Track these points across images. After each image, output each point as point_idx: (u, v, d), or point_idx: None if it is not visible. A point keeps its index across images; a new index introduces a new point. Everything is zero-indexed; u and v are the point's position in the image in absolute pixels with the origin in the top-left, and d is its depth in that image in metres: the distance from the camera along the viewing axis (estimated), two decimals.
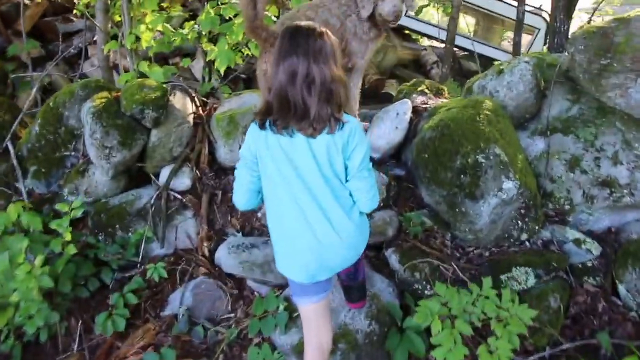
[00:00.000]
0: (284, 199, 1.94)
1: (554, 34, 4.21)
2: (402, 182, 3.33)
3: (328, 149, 1.88)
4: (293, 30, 1.89)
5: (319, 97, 1.82)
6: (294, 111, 1.84)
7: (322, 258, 1.96)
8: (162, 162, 3.47)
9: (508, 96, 3.23)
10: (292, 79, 1.82)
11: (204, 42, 3.87)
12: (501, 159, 2.79)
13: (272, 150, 1.91)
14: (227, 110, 3.62)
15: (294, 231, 1.95)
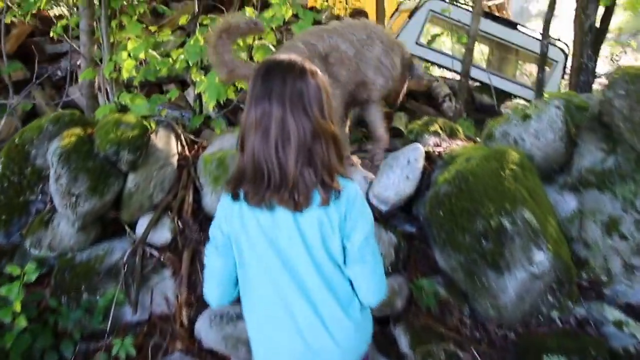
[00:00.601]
0: (263, 291, 1.52)
1: (580, 71, 3.85)
2: (413, 241, 2.93)
3: (321, 227, 1.45)
4: (268, 67, 1.47)
5: (297, 158, 1.39)
6: (267, 178, 1.41)
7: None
8: (140, 211, 3.08)
9: (535, 145, 2.84)
10: (265, 133, 1.40)
11: (193, 72, 3.51)
12: (531, 225, 2.38)
13: (248, 228, 1.48)
14: (217, 151, 3.24)
15: (276, 332, 1.53)
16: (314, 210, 1.43)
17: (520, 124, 2.90)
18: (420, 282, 2.66)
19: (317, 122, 1.41)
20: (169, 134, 3.37)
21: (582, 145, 2.96)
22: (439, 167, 3.01)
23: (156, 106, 3.74)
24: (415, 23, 6.13)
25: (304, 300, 1.48)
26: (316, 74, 1.47)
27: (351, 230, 1.48)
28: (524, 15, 19.33)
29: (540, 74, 3.70)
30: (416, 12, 6.13)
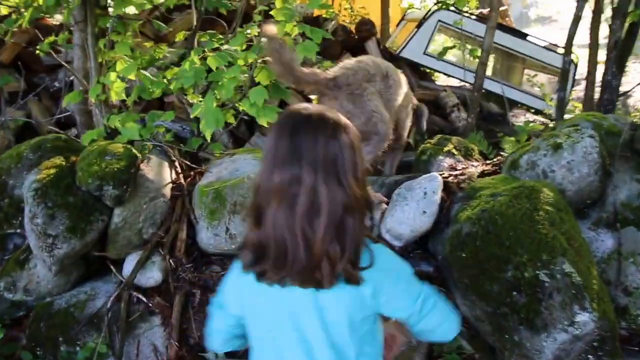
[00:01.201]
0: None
1: (604, 88, 3.49)
2: (431, 283, 2.55)
3: (347, 307, 1.22)
4: (295, 122, 1.20)
5: (325, 234, 1.14)
6: (292, 256, 1.16)
7: None
8: (128, 248, 2.72)
9: (567, 179, 2.48)
10: (291, 204, 1.15)
11: (190, 94, 3.16)
12: (573, 280, 2.02)
13: (260, 303, 1.27)
14: (214, 181, 2.88)
15: None
16: (340, 288, 1.20)
17: (550, 154, 2.54)
18: None
19: (352, 191, 1.17)
20: (162, 160, 3.01)
21: (616, 175, 2.61)
22: (459, 200, 2.65)
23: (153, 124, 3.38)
24: (424, 33, 5.79)
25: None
26: (349, 129, 1.21)
27: (389, 300, 1.26)
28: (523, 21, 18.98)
29: (562, 92, 3.35)
30: (424, 22, 5.77)
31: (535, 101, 6.31)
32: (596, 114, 3.07)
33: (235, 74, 2.64)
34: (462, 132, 5.21)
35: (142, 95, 3.34)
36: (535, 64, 6.49)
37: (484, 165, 3.34)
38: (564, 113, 3.38)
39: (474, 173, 3.09)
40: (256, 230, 1.20)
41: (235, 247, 2.73)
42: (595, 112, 3.13)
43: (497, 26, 5.91)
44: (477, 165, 3.44)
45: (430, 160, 3.50)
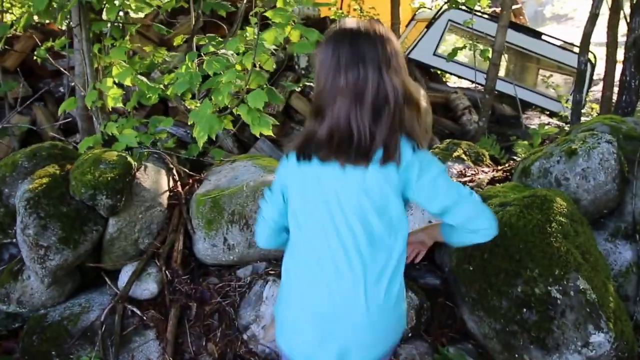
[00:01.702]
0: (315, 245, 1.41)
1: (623, 89, 3.30)
2: (438, 298, 2.42)
3: (387, 181, 1.34)
4: (352, 33, 1.36)
5: (391, 122, 1.32)
6: (357, 145, 1.32)
7: (332, 330, 1.39)
8: (124, 258, 2.62)
9: (583, 187, 2.31)
10: (359, 98, 1.32)
11: (187, 99, 3.05)
12: (587, 297, 1.86)
13: (308, 182, 1.40)
14: (212, 190, 2.76)
15: (316, 283, 1.40)
16: (386, 169, 1.32)
17: (564, 160, 2.37)
18: (448, 354, 2.16)
19: (407, 86, 1.36)
20: (160, 168, 2.91)
21: (635, 183, 2.43)
22: None
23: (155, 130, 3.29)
24: (434, 33, 5.61)
25: (353, 259, 1.37)
26: (393, 37, 1.39)
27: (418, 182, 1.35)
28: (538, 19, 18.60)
29: (578, 93, 3.16)
30: (434, 22, 5.59)
31: (550, 103, 6.08)
32: (614, 117, 2.88)
33: (230, 79, 2.51)
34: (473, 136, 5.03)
35: (142, 100, 3.24)
36: (550, 64, 6.26)
37: (495, 172, 3.17)
38: (580, 116, 3.19)
39: (483, 180, 2.93)
40: (317, 125, 1.35)
41: (233, 257, 2.62)
42: (613, 115, 2.95)
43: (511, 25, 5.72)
44: (488, 172, 3.27)
45: None
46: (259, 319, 2.36)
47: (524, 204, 2.15)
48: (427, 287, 2.45)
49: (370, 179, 1.32)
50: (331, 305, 1.38)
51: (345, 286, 1.37)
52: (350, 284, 1.37)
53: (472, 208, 1.38)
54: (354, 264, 1.36)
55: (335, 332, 1.38)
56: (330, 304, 1.39)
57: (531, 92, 6.10)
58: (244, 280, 2.58)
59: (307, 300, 1.42)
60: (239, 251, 2.60)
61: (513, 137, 5.15)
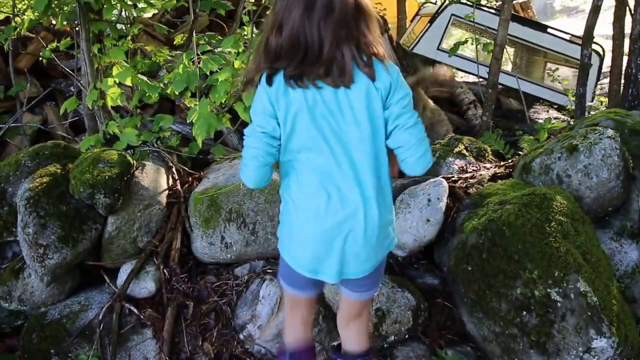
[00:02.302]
0: (312, 163, 1.43)
1: (629, 82, 3.15)
2: (436, 299, 2.32)
3: (368, 101, 1.38)
4: None
5: (335, 31, 1.33)
6: (304, 53, 1.35)
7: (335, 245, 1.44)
8: (123, 257, 2.56)
9: (585, 185, 2.19)
10: (309, 8, 1.34)
11: (186, 98, 2.97)
12: (588, 300, 1.75)
13: (296, 107, 1.39)
14: (210, 188, 2.69)
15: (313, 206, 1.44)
16: (360, 84, 1.37)
17: (565, 157, 2.25)
18: (446, 355, 2.06)
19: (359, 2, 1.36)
20: (159, 166, 2.84)
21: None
22: (466, 207, 2.39)
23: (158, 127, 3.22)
24: (437, 28, 5.45)
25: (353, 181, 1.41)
26: None
27: (391, 98, 1.41)
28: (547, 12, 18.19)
29: (581, 88, 3.02)
30: (437, 17, 5.43)
31: (557, 97, 5.90)
32: (619, 111, 2.74)
33: (227, 77, 2.43)
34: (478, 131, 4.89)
35: (144, 99, 3.18)
36: (557, 57, 6.07)
37: (497, 168, 3.05)
38: (584, 110, 3.04)
39: (484, 176, 2.81)
40: (278, 38, 1.36)
41: (231, 256, 2.55)
42: (618, 109, 2.81)
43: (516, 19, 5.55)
44: (490, 168, 3.15)
45: (439, 162, 3.23)
46: (255, 319, 2.29)
47: (523, 202, 2.04)
48: (425, 287, 2.35)
49: (349, 95, 1.37)
50: (335, 224, 1.42)
51: (348, 206, 1.41)
52: (351, 205, 1.41)
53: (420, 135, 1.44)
54: (353, 186, 1.41)
55: (337, 247, 1.44)
56: (334, 222, 1.42)
57: (537, 86, 5.91)
58: (241, 278, 2.51)
59: (313, 220, 1.44)
60: (236, 249, 2.53)
61: (519, 132, 5.00)
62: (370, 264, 1.49)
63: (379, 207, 1.43)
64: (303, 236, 1.48)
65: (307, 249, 1.48)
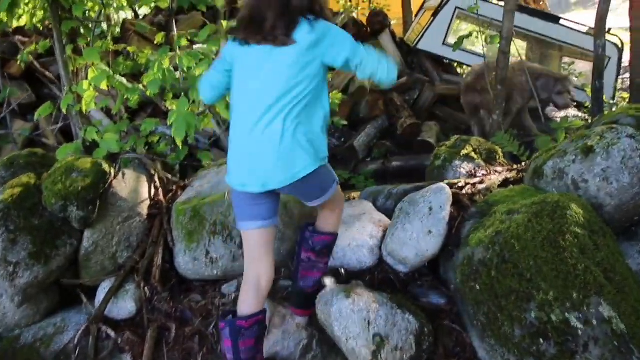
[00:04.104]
0: (242, 106, 1.80)
1: None
2: (443, 320, 2.10)
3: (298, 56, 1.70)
4: None
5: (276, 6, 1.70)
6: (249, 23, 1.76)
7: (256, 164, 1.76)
8: (102, 274, 2.40)
9: (605, 191, 1.97)
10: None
11: (168, 99, 2.81)
12: (614, 327, 1.54)
13: (243, 60, 1.80)
14: (193, 198, 2.52)
15: (243, 137, 1.78)
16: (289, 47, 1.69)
17: (580, 159, 2.03)
18: None
19: None
20: (140, 175, 2.68)
21: None
22: (472, 217, 2.19)
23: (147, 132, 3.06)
24: (441, 22, 5.22)
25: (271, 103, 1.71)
26: None
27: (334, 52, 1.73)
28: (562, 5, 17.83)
29: (597, 82, 2.80)
30: (441, 10, 5.20)
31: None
32: (639, 107, 2.52)
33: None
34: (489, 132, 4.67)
35: (129, 104, 3.03)
36: (572, 50, 5.81)
37: (509, 172, 2.84)
38: (602, 106, 2.82)
39: (494, 182, 2.61)
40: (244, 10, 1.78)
41: (217, 272, 2.37)
42: (638, 105, 2.58)
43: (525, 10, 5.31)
44: (501, 171, 2.94)
45: (444, 166, 3.04)
46: None
47: (533, 211, 1.84)
48: (431, 307, 2.14)
49: (282, 56, 1.69)
50: (256, 146, 1.73)
51: (264, 125, 1.72)
52: (267, 123, 1.71)
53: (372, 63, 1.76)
54: (273, 118, 1.71)
55: (258, 165, 1.74)
56: (256, 145, 1.73)
57: None
58: (228, 297, 2.33)
59: (242, 145, 1.78)
60: (222, 265, 2.36)
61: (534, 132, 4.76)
62: (286, 176, 1.74)
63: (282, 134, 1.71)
64: (236, 158, 1.82)
65: (239, 168, 1.81)
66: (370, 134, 5.16)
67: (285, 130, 1.70)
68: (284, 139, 1.71)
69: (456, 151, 3.12)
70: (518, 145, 3.94)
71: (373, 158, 5.04)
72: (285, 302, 2.20)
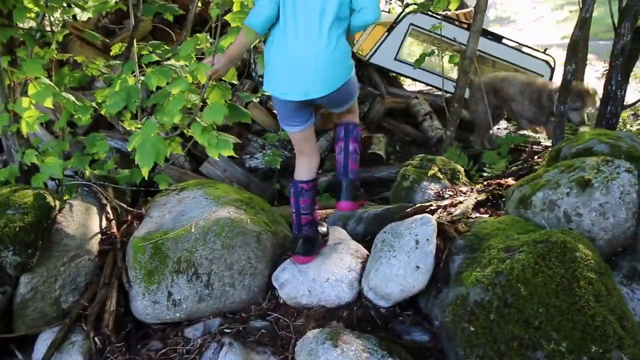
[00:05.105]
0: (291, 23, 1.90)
1: (608, 99, 2.85)
2: (427, 358, 1.86)
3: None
4: None
5: None
6: None
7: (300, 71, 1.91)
8: (41, 322, 1.95)
9: (599, 225, 1.81)
10: None
11: (126, 120, 2.38)
12: None
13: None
14: (154, 231, 2.12)
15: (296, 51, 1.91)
16: None
17: (576, 193, 1.85)
18: None
19: None
20: (89, 205, 2.23)
21: None
22: (460, 250, 1.96)
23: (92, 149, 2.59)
24: (395, 37, 5.05)
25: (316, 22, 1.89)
26: None
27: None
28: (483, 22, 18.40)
29: (562, 106, 2.68)
30: (396, 26, 5.03)
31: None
32: (608, 133, 2.41)
33: (182, 89, 1.89)
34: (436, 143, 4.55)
35: (75, 120, 2.55)
36: (506, 67, 5.85)
37: (476, 193, 2.66)
38: (563, 129, 2.71)
39: (468, 206, 2.40)
40: None
41: (180, 315, 1.99)
42: (607, 131, 2.48)
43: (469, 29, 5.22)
44: (467, 192, 2.76)
45: (413, 187, 2.82)
46: None
47: (538, 252, 1.62)
48: (414, 345, 1.89)
49: None
50: (302, 53, 1.89)
51: (309, 40, 1.89)
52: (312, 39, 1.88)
53: None
54: (315, 30, 1.88)
55: (302, 72, 1.89)
56: (301, 53, 1.89)
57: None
58: (193, 342, 1.96)
59: (286, 53, 1.91)
60: (187, 307, 1.99)
61: (478, 146, 4.70)
62: (326, 88, 1.92)
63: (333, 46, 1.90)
64: (279, 66, 1.93)
65: (280, 76, 1.93)
66: (322, 146, 4.91)
67: (332, 45, 1.88)
68: (331, 53, 1.89)
69: (423, 172, 2.91)
70: (467, 159, 3.84)
71: (325, 170, 4.81)
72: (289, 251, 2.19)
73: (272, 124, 4.64)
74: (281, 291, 2.05)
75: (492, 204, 2.51)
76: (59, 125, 2.58)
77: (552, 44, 10.35)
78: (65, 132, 2.76)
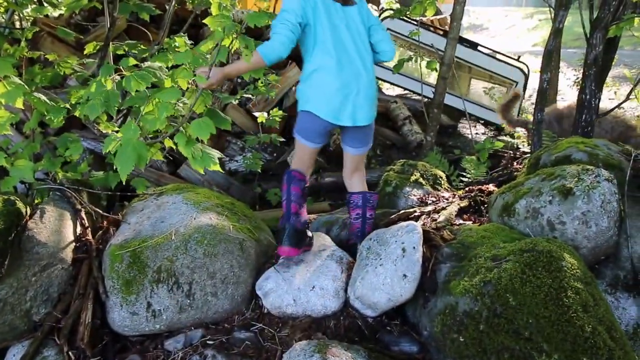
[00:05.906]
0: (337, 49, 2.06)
1: (582, 108, 2.89)
2: None
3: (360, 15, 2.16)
4: None
5: None
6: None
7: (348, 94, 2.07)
8: (11, 335, 1.83)
9: (583, 234, 1.81)
10: None
11: (102, 122, 2.27)
12: None
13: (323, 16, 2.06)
14: (133, 239, 2.02)
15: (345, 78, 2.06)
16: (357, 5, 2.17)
17: (558, 202, 1.85)
18: None
19: None
20: (63, 210, 2.11)
21: (627, 221, 1.97)
22: (447, 259, 1.93)
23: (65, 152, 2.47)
24: None
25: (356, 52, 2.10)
26: None
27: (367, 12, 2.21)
28: None
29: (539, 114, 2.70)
30: None
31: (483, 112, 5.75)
32: (585, 141, 2.44)
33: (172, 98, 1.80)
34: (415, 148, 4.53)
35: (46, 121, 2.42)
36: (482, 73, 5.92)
37: (459, 199, 2.65)
38: (541, 137, 2.74)
39: (451, 213, 2.39)
40: None
41: (160, 326, 1.90)
42: (584, 139, 2.50)
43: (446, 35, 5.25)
44: (449, 198, 2.75)
45: (396, 193, 2.79)
46: None
47: (525, 261, 1.61)
48: (402, 357, 1.85)
49: (354, 13, 2.14)
50: (349, 79, 2.05)
51: (356, 69, 2.07)
52: (358, 68, 2.07)
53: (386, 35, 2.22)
54: (358, 60, 2.09)
55: (352, 99, 2.06)
56: (348, 78, 2.05)
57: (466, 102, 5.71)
58: (174, 355, 1.87)
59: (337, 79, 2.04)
60: (167, 318, 1.90)
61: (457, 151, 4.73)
62: (370, 114, 2.14)
63: (371, 72, 2.13)
64: (329, 90, 2.06)
65: (331, 99, 2.06)
66: None
67: (372, 76, 2.11)
68: (372, 82, 2.10)
69: (405, 177, 2.89)
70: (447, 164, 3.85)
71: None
72: None
73: (252, 126, 4.55)
74: (265, 300, 1.99)
75: (474, 210, 2.51)
76: (30, 126, 2.45)
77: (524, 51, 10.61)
78: (36, 132, 2.62)
